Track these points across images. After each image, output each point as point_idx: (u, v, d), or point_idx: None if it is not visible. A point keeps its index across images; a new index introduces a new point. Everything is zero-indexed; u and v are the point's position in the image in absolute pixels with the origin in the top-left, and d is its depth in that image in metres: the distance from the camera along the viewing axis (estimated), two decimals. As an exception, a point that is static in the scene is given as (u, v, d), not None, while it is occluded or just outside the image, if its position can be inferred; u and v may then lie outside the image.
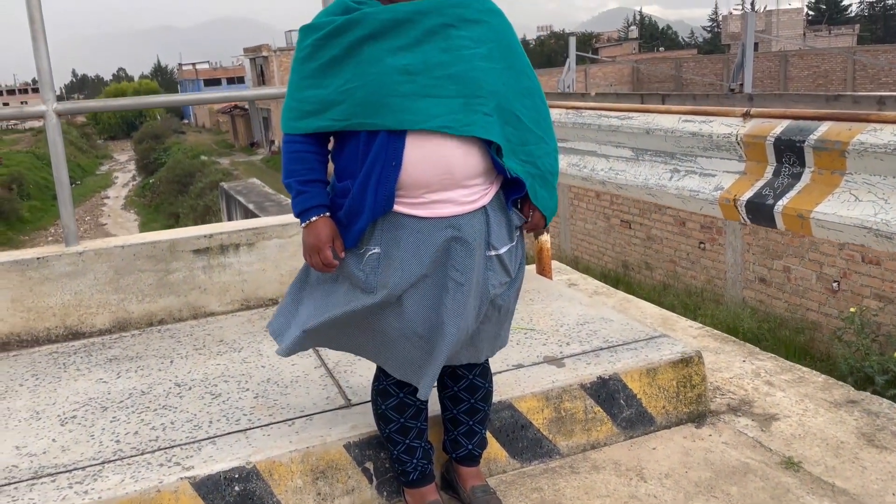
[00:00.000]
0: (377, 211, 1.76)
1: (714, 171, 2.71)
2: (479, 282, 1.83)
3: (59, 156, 3.06)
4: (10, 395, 2.59)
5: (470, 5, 1.78)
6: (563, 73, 13.57)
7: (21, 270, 3.01)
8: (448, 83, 1.72)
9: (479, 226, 1.81)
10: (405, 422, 2.01)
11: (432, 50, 1.72)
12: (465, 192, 1.79)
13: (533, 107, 1.85)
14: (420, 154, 1.73)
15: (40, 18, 2.95)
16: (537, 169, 1.85)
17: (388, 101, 1.70)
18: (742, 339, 8.53)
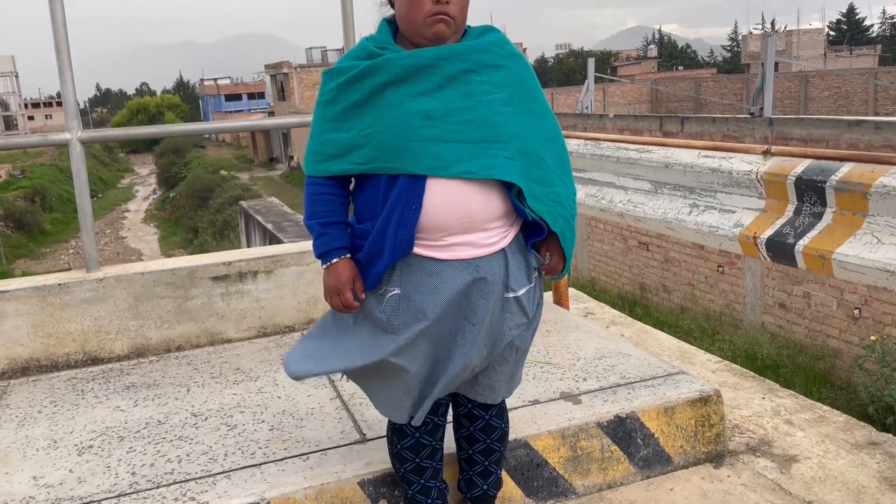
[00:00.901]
0: (397, 254, 1.77)
1: (734, 207, 2.69)
2: (493, 323, 1.83)
3: (83, 183, 3.10)
4: (29, 423, 2.61)
5: (491, 51, 1.79)
6: (581, 94, 13.57)
7: (42, 296, 3.05)
8: (468, 128, 1.73)
9: (498, 268, 1.81)
10: (420, 462, 2.00)
11: (453, 95, 1.73)
12: (485, 234, 1.79)
13: (554, 150, 1.86)
14: (440, 198, 1.73)
15: (66, 49, 3.00)
16: (563, 209, 1.85)
17: (409, 146, 1.71)
18: (761, 364, 8.47)
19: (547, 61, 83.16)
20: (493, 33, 1.86)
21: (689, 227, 2.84)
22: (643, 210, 3.10)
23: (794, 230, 2.41)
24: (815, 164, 2.33)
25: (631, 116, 12.07)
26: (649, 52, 75.64)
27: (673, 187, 2.99)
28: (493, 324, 1.83)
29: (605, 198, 3.35)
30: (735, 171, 2.60)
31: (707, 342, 9.57)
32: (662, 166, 2.94)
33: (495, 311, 1.82)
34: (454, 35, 1.78)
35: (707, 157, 2.73)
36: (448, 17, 1.73)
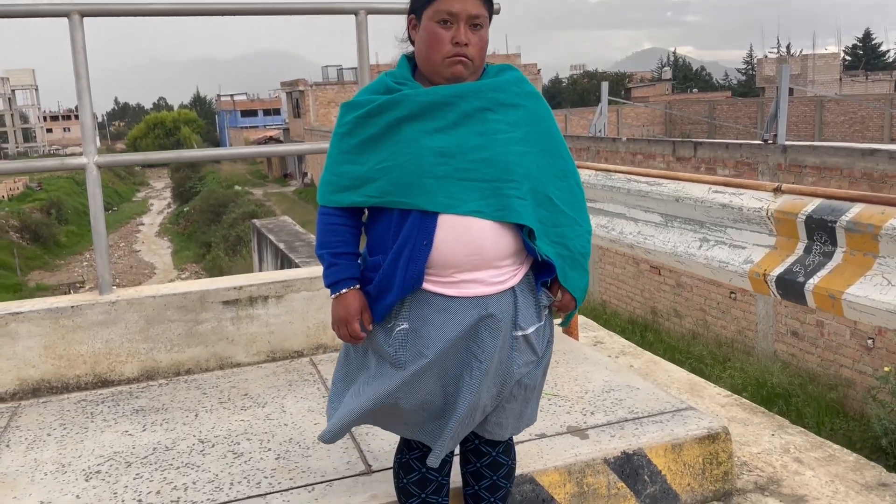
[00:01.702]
0: (406, 288, 1.78)
1: (744, 243, 2.69)
2: (502, 361, 1.83)
3: (98, 207, 3.14)
4: (38, 446, 2.63)
5: (508, 89, 1.82)
6: (594, 117, 13.61)
7: (55, 318, 3.08)
8: (482, 166, 1.75)
9: (507, 307, 1.81)
10: (426, 497, 2.00)
11: (468, 133, 1.76)
12: (495, 272, 1.80)
13: (567, 189, 1.87)
14: (451, 235, 1.75)
15: (86, 75, 3.06)
16: (568, 251, 1.85)
17: (423, 182, 1.73)
18: (772, 393, 8.39)
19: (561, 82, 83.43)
20: (511, 72, 1.88)
21: (699, 261, 2.84)
22: (653, 243, 3.10)
23: (804, 269, 2.40)
24: (825, 204, 2.32)
25: (644, 141, 12.08)
26: (664, 74, 75.76)
27: (683, 221, 2.99)
28: (502, 362, 1.83)
29: (616, 229, 3.36)
30: (745, 207, 2.60)
31: (718, 369, 9.50)
32: (673, 200, 2.95)
33: (504, 349, 1.82)
34: (472, 75, 1.81)
35: (717, 193, 2.73)
36: (466, 58, 1.76)
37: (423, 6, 1.79)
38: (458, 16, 1.74)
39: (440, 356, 1.79)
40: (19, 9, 3.00)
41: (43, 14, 3.04)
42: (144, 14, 3.24)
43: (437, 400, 1.85)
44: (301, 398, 2.94)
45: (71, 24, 3.01)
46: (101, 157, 3.12)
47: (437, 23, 1.76)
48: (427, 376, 1.81)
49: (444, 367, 1.82)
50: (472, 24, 1.77)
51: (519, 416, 1.96)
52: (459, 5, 1.74)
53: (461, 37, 1.75)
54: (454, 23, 1.75)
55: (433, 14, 1.76)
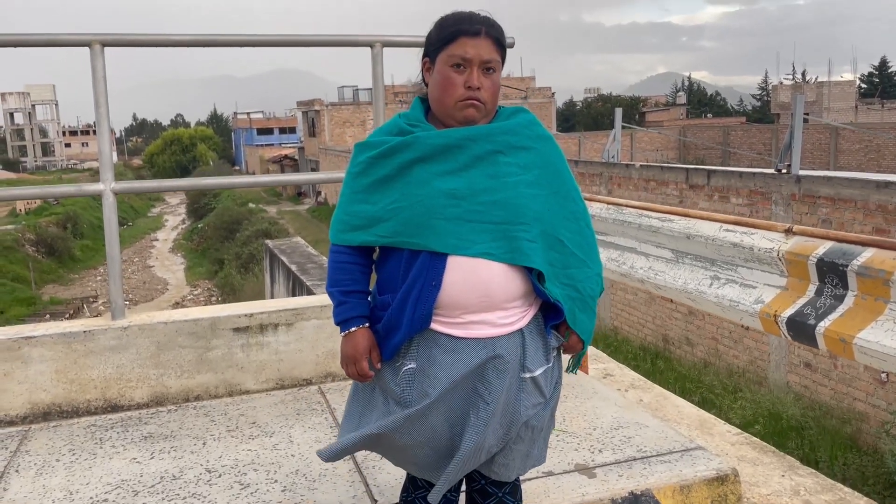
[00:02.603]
0: (414, 328, 1.79)
1: (755, 282, 2.68)
2: (510, 403, 1.83)
3: (113, 232, 3.17)
4: (47, 471, 2.64)
5: (520, 132, 1.84)
6: (608, 143, 13.63)
7: (67, 343, 3.10)
8: (493, 209, 1.76)
9: (515, 349, 1.82)
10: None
11: (479, 175, 1.78)
12: (503, 314, 1.80)
13: (577, 230, 1.87)
14: (460, 276, 1.76)
15: (105, 104, 3.10)
16: (577, 293, 1.86)
17: (433, 224, 1.75)
18: (785, 426, 8.29)
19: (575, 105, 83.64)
20: (523, 115, 1.90)
21: (710, 299, 2.83)
22: (664, 279, 3.09)
23: (815, 311, 2.39)
24: (836, 247, 2.32)
25: (657, 167, 12.08)
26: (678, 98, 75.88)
27: (694, 258, 2.98)
28: (509, 404, 1.83)
29: (627, 263, 3.36)
30: (756, 247, 2.60)
31: (729, 399, 9.41)
32: (684, 237, 2.95)
33: (511, 390, 1.82)
34: (485, 117, 1.83)
35: (729, 232, 2.73)
36: (479, 101, 1.79)
37: (438, 50, 1.81)
38: (471, 60, 1.78)
39: (445, 395, 1.79)
40: (42, 38, 3.06)
41: (65, 43, 3.10)
42: (164, 45, 3.30)
43: (443, 440, 1.85)
44: (309, 428, 2.95)
45: (92, 53, 3.06)
46: (117, 183, 3.16)
47: (450, 67, 1.79)
48: (432, 415, 1.82)
49: (450, 407, 1.82)
50: (485, 69, 1.80)
51: (525, 457, 1.96)
52: (473, 50, 1.77)
53: (474, 81, 1.77)
54: (467, 67, 1.78)
55: (447, 58, 1.79)
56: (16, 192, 3.33)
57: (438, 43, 1.81)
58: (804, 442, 8.03)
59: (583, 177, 13.92)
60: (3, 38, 3.06)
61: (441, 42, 1.80)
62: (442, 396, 1.80)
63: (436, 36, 1.83)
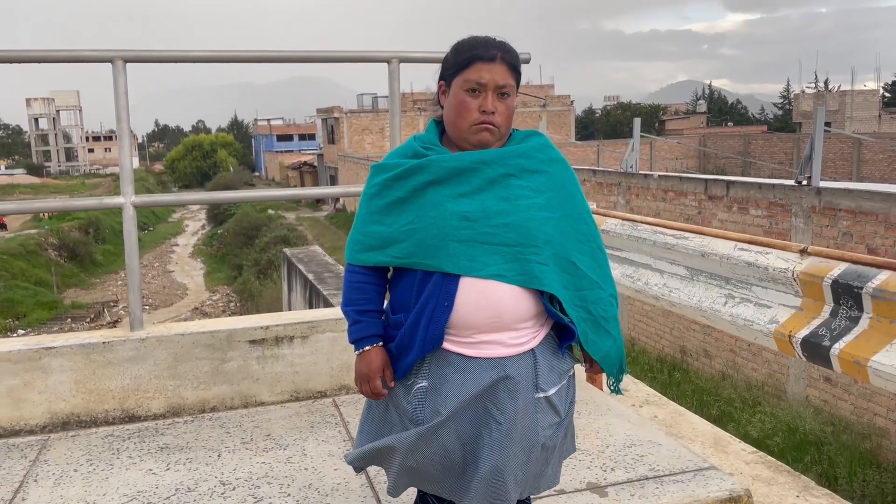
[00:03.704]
0: (426, 348, 1.81)
1: (770, 302, 2.67)
2: (526, 426, 1.83)
3: (132, 245, 3.22)
4: (65, 482, 2.68)
5: (533, 156, 1.86)
6: (626, 153, 13.59)
7: (87, 353, 3.15)
8: (505, 231, 1.78)
9: (526, 369, 1.83)
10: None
11: (492, 198, 1.80)
12: (514, 334, 1.82)
13: (589, 253, 1.89)
14: (471, 297, 1.78)
15: (127, 118, 3.16)
16: (589, 314, 1.87)
17: (446, 246, 1.77)
18: (803, 440, 8.20)
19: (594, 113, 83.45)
20: (536, 138, 1.92)
21: (724, 318, 2.82)
22: (678, 296, 3.09)
23: (829, 332, 2.38)
24: (851, 269, 2.31)
25: (675, 177, 12.02)
26: (698, 106, 75.43)
27: (709, 276, 2.98)
28: (527, 426, 1.83)
29: (641, 279, 3.35)
30: (771, 267, 2.59)
31: (748, 413, 9.33)
32: (699, 255, 2.94)
33: (527, 412, 1.83)
34: (498, 141, 1.86)
35: (743, 251, 2.73)
36: (493, 125, 1.81)
37: (453, 74, 1.84)
38: (486, 85, 1.80)
39: (456, 414, 1.81)
40: (65, 54, 3.12)
41: (88, 59, 3.16)
42: (185, 60, 3.35)
43: (455, 457, 1.86)
44: (322, 441, 2.97)
45: (114, 69, 3.12)
46: (137, 197, 3.21)
47: (466, 91, 1.81)
48: (444, 434, 1.83)
49: (462, 427, 1.83)
50: (500, 93, 1.82)
51: (538, 476, 1.95)
52: (488, 75, 1.79)
53: (488, 105, 1.80)
54: (482, 91, 1.80)
55: (462, 83, 1.81)
56: (40, 205, 3.39)
57: (454, 68, 1.84)
58: (822, 457, 7.94)
59: (601, 186, 13.88)
60: (29, 54, 3.13)
61: (457, 67, 1.82)
62: (453, 415, 1.81)
63: (452, 60, 1.85)
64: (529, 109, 45.23)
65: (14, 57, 3.09)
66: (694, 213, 11.37)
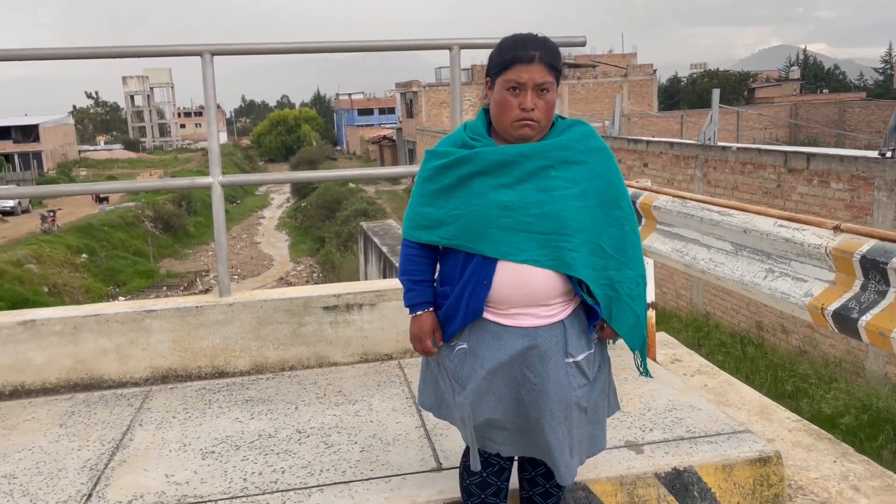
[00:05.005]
0: (468, 319, 2.07)
1: (806, 276, 2.80)
2: (560, 385, 2.04)
3: (220, 221, 3.60)
4: (166, 426, 3.09)
5: (572, 147, 2.03)
6: (704, 125, 13.36)
7: (182, 316, 3.56)
8: (540, 220, 1.99)
9: (556, 337, 2.05)
10: (485, 498, 2.26)
11: (531, 189, 2.00)
12: (545, 308, 2.05)
13: (619, 236, 2.05)
14: (507, 278, 2.02)
15: (214, 106, 3.51)
16: (615, 292, 2.05)
17: (488, 232, 2.00)
18: (877, 417, 8.08)
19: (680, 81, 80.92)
20: (578, 128, 2.09)
21: (764, 291, 2.97)
22: (723, 270, 3.23)
23: (858, 305, 2.51)
24: (878, 245, 2.42)
25: (754, 150, 11.77)
26: (791, 73, 72.09)
27: (752, 251, 3.11)
28: (560, 386, 2.04)
29: (690, 254, 3.50)
30: (807, 243, 2.72)
31: (823, 389, 9.20)
32: (741, 231, 3.08)
33: (559, 374, 2.04)
34: (539, 133, 2.03)
35: (782, 227, 2.85)
36: (533, 121, 1.98)
37: (497, 74, 2.03)
38: (525, 84, 1.97)
39: (492, 374, 2.05)
40: (157, 49, 3.49)
41: (178, 53, 3.52)
42: (267, 52, 3.67)
43: (511, 415, 2.07)
44: (387, 398, 3.28)
45: (203, 61, 3.47)
46: (224, 177, 3.57)
47: (507, 90, 1.99)
48: (488, 392, 2.06)
49: (501, 386, 2.06)
50: (539, 90, 1.97)
51: (590, 441, 2.16)
52: (527, 75, 1.97)
53: (528, 103, 1.97)
54: (522, 90, 1.97)
55: (504, 82, 2.00)
56: (136, 185, 3.81)
57: (497, 68, 2.02)
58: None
59: (677, 159, 13.72)
60: (124, 49, 3.51)
61: (499, 67, 2.01)
62: (490, 375, 2.05)
63: (495, 60, 2.03)
64: (610, 79, 44.37)
65: (113, 53, 3.48)
66: (773, 187, 11.15)
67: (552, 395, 2.04)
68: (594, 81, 43.97)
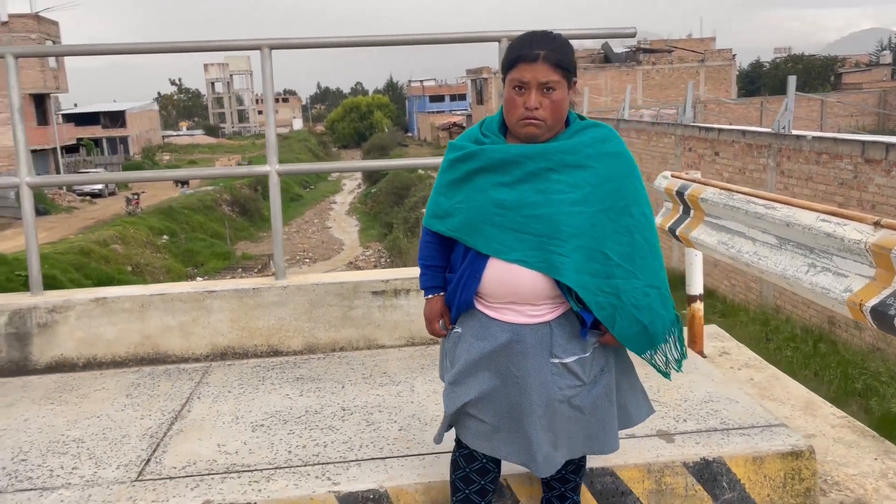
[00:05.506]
0: (461, 308, 2.16)
1: (847, 271, 2.77)
2: (542, 383, 2.07)
3: (277, 208, 3.78)
4: (221, 399, 3.30)
5: (579, 151, 2.03)
6: (779, 113, 12.94)
7: (240, 297, 3.77)
8: (534, 222, 2.01)
9: (540, 337, 2.08)
10: (469, 495, 2.29)
11: (529, 190, 2.02)
12: (532, 308, 2.08)
13: (629, 244, 2.04)
14: (496, 274, 2.07)
15: (272, 98, 3.69)
16: (620, 300, 2.04)
17: (483, 228, 2.06)
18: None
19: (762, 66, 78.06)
20: (592, 131, 2.07)
21: (805, 285, 2.95)
22: (766, 264, 3.22)
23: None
24: (916, 242, 2.39)
25: (830, 139, 11.35)
26: (882, 57, 68.53)
27: (795, 245, 3.09)
28: (543, 384, 2.07)
29: (735, 247, 3.49)
30: (847, 238, 2.69)
31: (894, 387, 8.88)
32: (784, 224, 3.06)
33: (542, 373, 2.07)
34: (548, 133, 2.03)
35: (824, 222, 2.83)
36: (537, 120, 2.00)
37: (505, 73, 2.07)
38: (528, 83, 1.97)
39: (477, 361, 2.11)
40: (218, 43, 3.69)
41: (238, 48, 3.71)
42: (323, 46, 3.83)
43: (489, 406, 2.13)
44: (429, 380, 3.40)
45: (262, 55, 3.64)
46: (279, 166, 3.75)
47: (513, 89, 2.01)
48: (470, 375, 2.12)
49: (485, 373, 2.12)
50: (544, 89, 1.98)
51: (587, 438, 2.16)
52: (530, 74, 1.97)
53: (531, 102, 1.97)
54: (527, 89, 1.98)
55: (510, 81, 2.03)
56: (198, 172, 4.04)
57: (506, 67, 2.06)
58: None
59: (749, 148, 13.35)
60: (188, 45, 3.72)
61: (507, 66, 2.04)
62: (475, 361, 2.11)
63: (505, 59, 2.07)
64: (686, 65, 43.27)
65: (177, 48, 3.70)
66: (849, 178, 10.74)
67: (533, 390, 2.07)
68: (669, 67, 42.96)
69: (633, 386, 2.29)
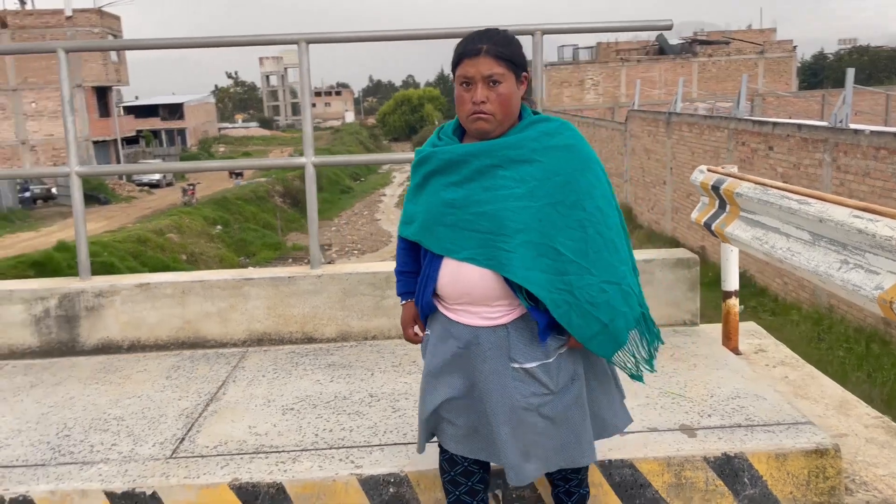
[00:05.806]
0: (424, 310, 2.19)
1: (879, 269, 2.71)
2: (503, 387, 2.06)
3: (312, 199, 3.88)
4: (255, 383, 3.41)
5: (523, 146, 2.00)
6: (836, 106, 12.57)
7: (276, 285, 3.88)
8: (480, 219, 2.00)
9: (497, 340, 2.06)
10: (460, 496, 2.29)
11: (476, 188, 2.02)
12: (488, 309, 2.07)
13: (581, 238, 1.97)
14: (449, 273, 2.08)
15: (308, 92, 3.78)
16: (574, 298, 1.97)
17: (435, 229, 2.08)
18: None
19: (826, 58, 75.65)
20: (542, 125, 2.04)
21: (836, 282, 2.90)
22: (799, 260, 3.17)
23: (927, 301, 2.43)
24: (947, 239, 2.33)
25: (890, 134, 10.97)
26: (954, 48, 65.61)
27: (829, 241, 3.03)
28: (504, 390, 2.05)
29: (769, 242, 3.44)
30: (878, 234, 2.64)
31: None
32: (817, 220, 3.01)
33: (502, 378, 2.05)
34: (499, 128, 2.02)
35: (856, 217, 2.77)
36: (485, 113, 1.98)
37: (453, 72, 2.06)
38: (474, 77, 1.97)
39: (444, 364, 2.13)
40: (255, 38, 3.79)
41: (275, 42, 3.81)
42: (361, 40, 3.90)
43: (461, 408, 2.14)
44: (457, 370, 3.45)
45: (299, 49, 3.74)
46: (315, 158, 3.84)
47: (460, 86, 2.01)
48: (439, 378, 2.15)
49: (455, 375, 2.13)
50: (490, 82, 1.96)
51: (562, 448, 2.11)
52: (473, 69, 1.97)
53: (478, 96, 1.96)
54: (472, 84, 1.97)
55: (457, 79, 2.02)
56: (237, 163, 4.16)
57: (452, 66, 2.06)
58: None
59: (805, 142, 13.00)
60: (229, 39, 3.83)
61: (453, 66, 2.03)
62: (443, 364, 2.13)
63: (452, 60, 2.05)
64: (745, 57, 42.19)
65: (218, 42, 3.82)
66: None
67: (494, 396, 2.06)
68: (726, 59, 41.96)
69: (608, 394, 2.24)
